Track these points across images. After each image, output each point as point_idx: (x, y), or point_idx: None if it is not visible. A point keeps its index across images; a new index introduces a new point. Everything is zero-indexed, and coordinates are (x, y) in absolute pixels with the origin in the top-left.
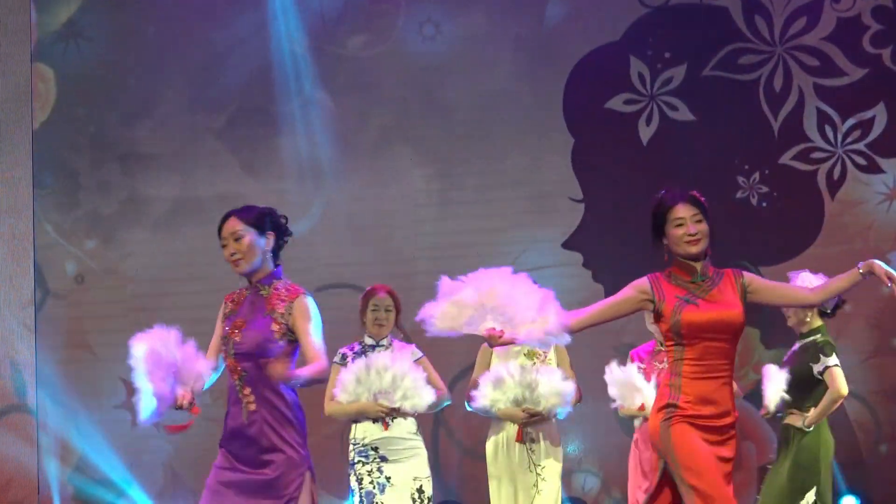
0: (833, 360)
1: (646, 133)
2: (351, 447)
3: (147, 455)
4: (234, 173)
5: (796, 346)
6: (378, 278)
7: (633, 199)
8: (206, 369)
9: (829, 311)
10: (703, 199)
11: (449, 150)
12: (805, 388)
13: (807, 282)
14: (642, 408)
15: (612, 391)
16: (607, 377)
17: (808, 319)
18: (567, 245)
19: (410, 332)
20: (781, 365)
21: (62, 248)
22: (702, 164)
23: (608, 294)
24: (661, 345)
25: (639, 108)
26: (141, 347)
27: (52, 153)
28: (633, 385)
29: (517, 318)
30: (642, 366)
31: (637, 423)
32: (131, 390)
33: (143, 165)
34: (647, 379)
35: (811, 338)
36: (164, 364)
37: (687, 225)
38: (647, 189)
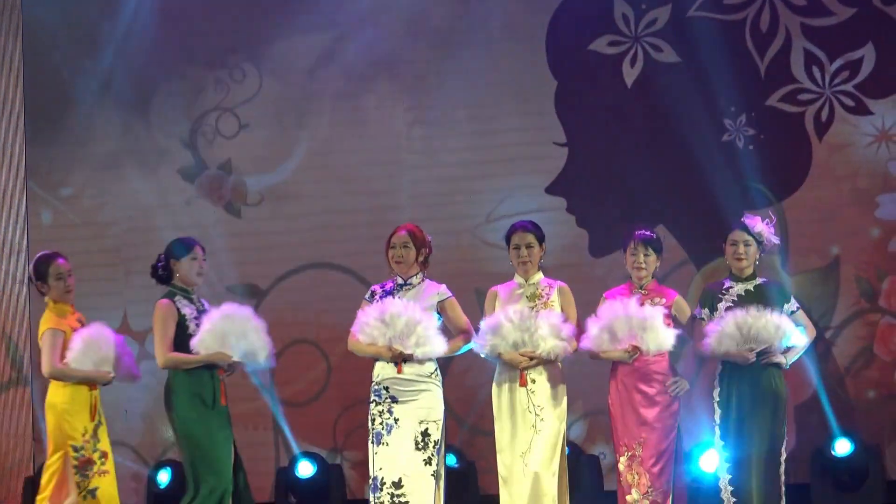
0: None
1: (630, 75)
2: (371, 386)
3: (129, 405)
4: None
5: (735, 285)
6: (360, 226)
7: (618, 143)
8: None
9: None
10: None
11: (432, 97)
12: None
13: (758, 227)
14: (632, 348)
15: (598, 333)
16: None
17: (757, 262)
18: (550, 190)
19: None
20: (728, 308)
21: (38, 196)
22: (687, 107)
23: (591, 239)
24: (640, 288)
25: (623, 50)
26: None
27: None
28: (642, 324)
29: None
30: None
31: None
32: None
33: (120, 112)
34: None
35: (760, 279)
36: None
37: None
38: (631, 133)
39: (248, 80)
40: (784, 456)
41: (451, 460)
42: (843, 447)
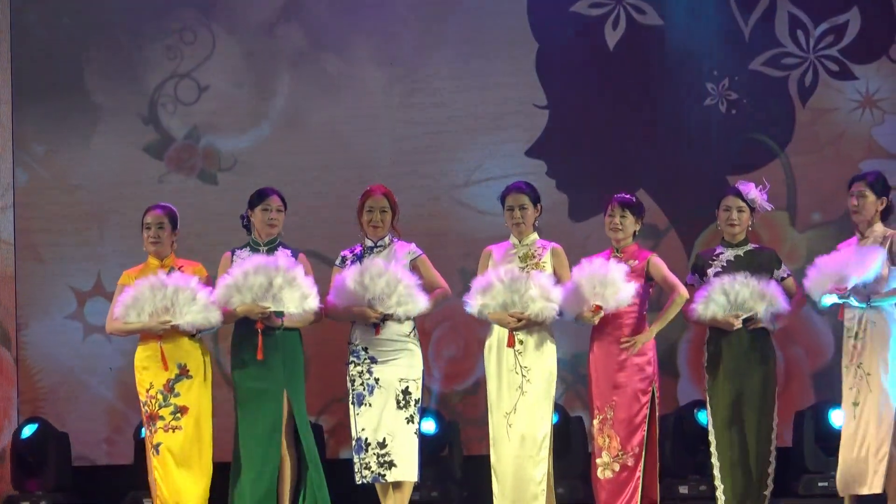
0: None
1: (612, 38)
2: (348, 348)
3: (100, 361)
4: (185, 82)
5: (725, 251)
6: (340, 184)
7: (599, 106)
8: None
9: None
10: None
11: (411, 56)
12: None
13: (752, 194)
14: (597, 309)
15: (566, 295)
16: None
17: (750, 228)
18: (530, 153)
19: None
20: (716, 274)
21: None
22: (670, 70)
23: (571, 204)
24: (618, 251)
25: (605, 12)
26: None
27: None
28: (603, 280)
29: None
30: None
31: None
32: (82, 300)
33: (93, 72)
34: None
35: (752, 245)
36: None
37: None
38: (613, 96)
39: (200, 40)
40: (776, 420)
41: (434, 421)
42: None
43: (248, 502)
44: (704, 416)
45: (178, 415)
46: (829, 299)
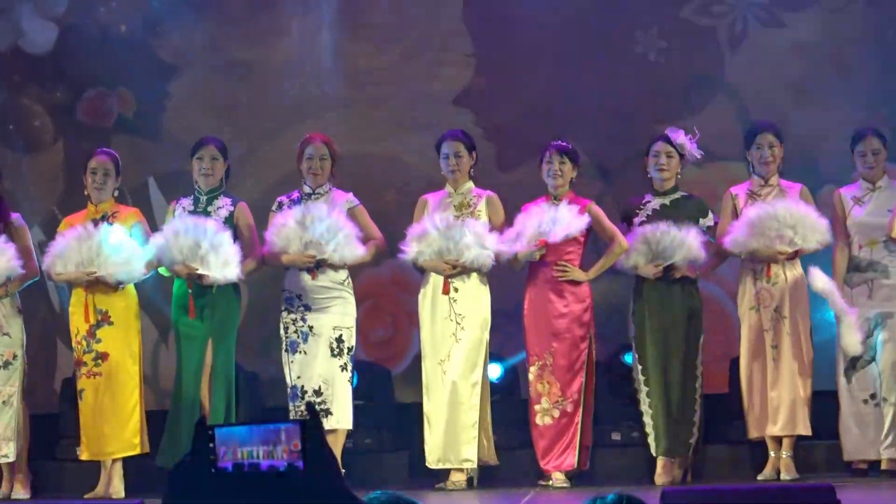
0: None
1: None
2: (282, 295)
3: None
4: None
5: (653, 199)
6: (269, 131)
7: (527, 54)
8: None
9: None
10: None
11: (340, 3)
12: None
13: (680, 139)
14: (542, 243)
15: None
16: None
17: (679, 175)
18: (458, 102)
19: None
20: (641, 222)
21: None
22: (598, 18)
23: (499, 155)
24: (556, 198)
25: None
26: None
27: None
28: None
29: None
30: None
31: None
32: None
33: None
34: None
35: (680, 193)
36: None
37: None
38: (541, 46)
39: None
40: (700, 369)
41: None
42: None
43: (183, 446)
44: (630, 357)
45: (100, 361)
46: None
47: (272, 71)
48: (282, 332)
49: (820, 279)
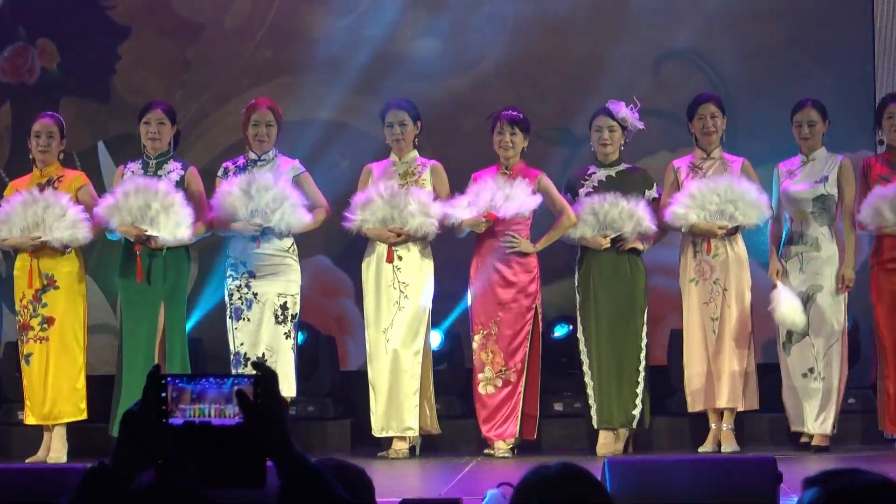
0: None
1: None
2: (226, 262)
3: None
4: None
5: (598, 171)
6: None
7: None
8: None
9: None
10: None
11: None
12: None
13: (622, 113)
14: (491, 216)
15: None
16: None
17: (622, 148)
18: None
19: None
20: (588, 194)
21: None
22: None
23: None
24: (507, 168)
25: None
26: None
27: None
28: (505, 194)
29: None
30: None
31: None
32: None
33: None
34: None
35: (624, 165)
36: None
37: None
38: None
39: None
40: (645, 341)
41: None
42: None
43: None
44: (562, 329)
45: (46, 325)
46: None
47: (225, 34)
48: (226, 297)
49: (784, 305)
